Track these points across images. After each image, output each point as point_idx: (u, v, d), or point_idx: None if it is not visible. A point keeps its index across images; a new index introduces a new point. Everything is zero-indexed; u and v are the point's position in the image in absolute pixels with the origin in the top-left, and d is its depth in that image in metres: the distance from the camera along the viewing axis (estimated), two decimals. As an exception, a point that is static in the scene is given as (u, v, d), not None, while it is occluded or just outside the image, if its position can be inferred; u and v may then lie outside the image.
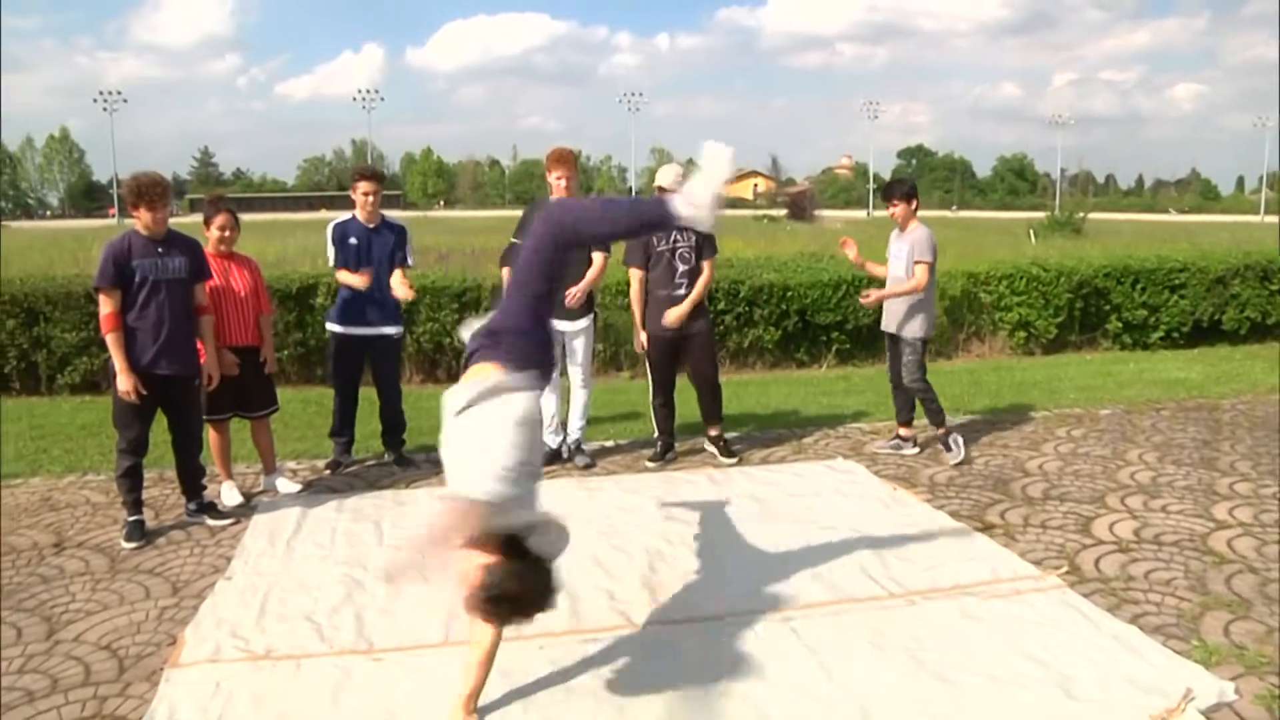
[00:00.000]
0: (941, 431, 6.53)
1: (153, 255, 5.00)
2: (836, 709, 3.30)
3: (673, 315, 6.29)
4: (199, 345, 5.32)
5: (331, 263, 6.26)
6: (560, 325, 6.28)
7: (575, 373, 6.50)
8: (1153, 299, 11.33)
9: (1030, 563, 4.61)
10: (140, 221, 5.00)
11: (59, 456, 6.66)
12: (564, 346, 6.45)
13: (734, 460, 6.51)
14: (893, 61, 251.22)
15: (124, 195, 5.05)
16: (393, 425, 6.49)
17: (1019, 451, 6.63)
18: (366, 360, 6.39)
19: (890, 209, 6.57)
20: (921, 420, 6.67)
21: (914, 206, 6.48)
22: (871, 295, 6.70)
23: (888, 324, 6.59)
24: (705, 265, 6.41)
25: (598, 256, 6.30)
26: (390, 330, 6.32)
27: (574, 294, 6.18)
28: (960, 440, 6.50)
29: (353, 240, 6.15)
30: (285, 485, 5.89)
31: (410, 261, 6.36)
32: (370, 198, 6.12)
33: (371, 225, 6.20)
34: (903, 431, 6.71)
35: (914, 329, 6.41)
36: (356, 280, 6.03)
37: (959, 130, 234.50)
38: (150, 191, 4.95)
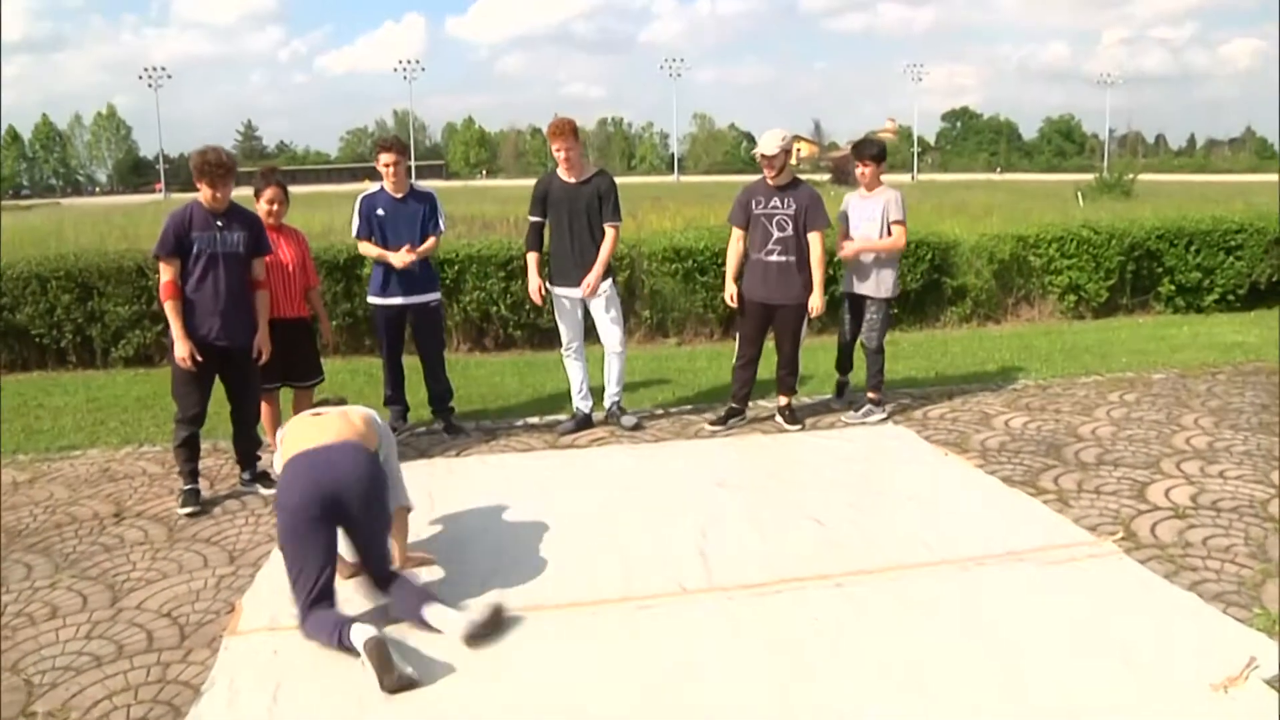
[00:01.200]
0: (874, 396, 6.66)
1: (211, 229, 5.05)
2: (890, 674, 3.29)
3: (815, 303, 6.28)
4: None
5: (355, 233, 6.38)
6: (573, 292, 6.31)
7: (608, 339, 6.51)
8: (1207, 261, 11.08)
9: (1085, 529, 4.55)
10: (203, 195, 5.07)
11: (116, 428, 6.78)
12: (583, 313, 6.50)
13: (798, 427, 6.48)
14: (937, 23, 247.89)
15: (192, 170, 5.09)
16: (439, 393, 6.54)
17: (1071, 416, 6.54)
18: (407, 329, 6.47)
19: (860, 169, 6.68)
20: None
21: (881, 169, 6.67)
22: (848, 248, 6.63)
23: (858, 286, 6.69)
24: (814, 238, 6.27)
25: (610, 230, 6.34)
26: (427, 298, 6.39)
27: (590, 284, 6.28)
28: (881, 413, 6.63)
29: (380, 211, 6.25)
30: None
31: (442, 227, 6.41)
32: (392, 168, 6.17)
33: (399, 195, 6.25)
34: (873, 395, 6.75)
35: (886, 289, 6.57)
36: (395, 258, 6.15)
37: (1005, 92, 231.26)
38: (213, 171, 5.01)
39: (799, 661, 3.41)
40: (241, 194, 5.28)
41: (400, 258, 6.14)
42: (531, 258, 6.51)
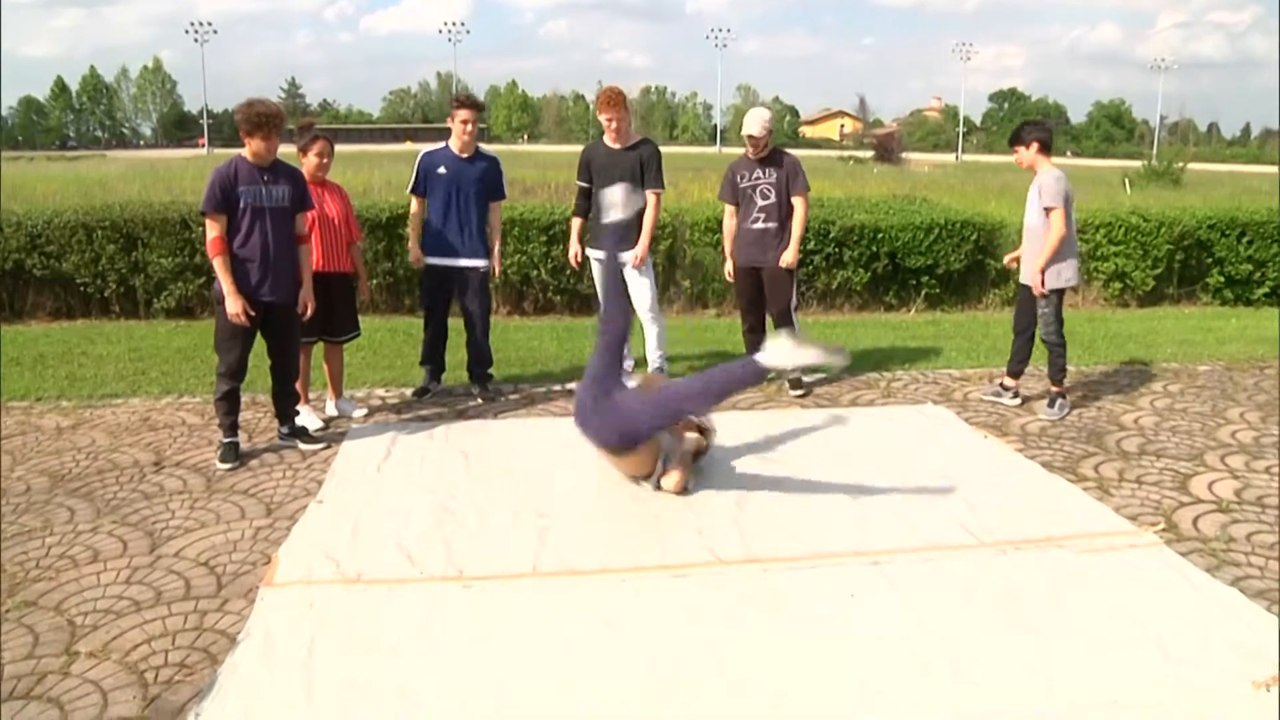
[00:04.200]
0: (1055, 389, 6.32)
1: (258, 183, 5.04)
2: (925, 655, 3.26)
3: (787, 258, 6.53)
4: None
5: (410, 189, 6.31)
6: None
7: (641, 306, 6.55)
8: (1260, 253, 10.82)
9: (1125, 518, 4.49)
10: (250, 149, 5.04)
11: (156, 378, 6.85)
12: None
13: (801, 392, 6.61)
14: (987, 2, 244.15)
15: (239, 122, 5.03)
16: (478, 358, 6.51)
17: (1113, 405, 6.45)
18: (454, 291, 6.42)
19: (1015, 155, 6.22)
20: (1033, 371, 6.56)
21: (1033, 149, 6.09)
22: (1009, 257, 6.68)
23: (1023, 275, 6.28)
24: (796, 201, 6.58)
25: (651, 196, 6.40)
26: (477, 263, 6.28)
27: (638, 255, 6.42)
28: (1067, 405, 6.30)
29: (441, 170, 6.15)
30: (353, 409, 6.09)
31: (504, 194, 6.41)
32: (469, 125, 6.11)
33: (465, 155, 6.17)
34: (1007, 380, 6.55)
35: (1047, 280, 6.08)
36: (412, 255, 6.37)
37: (1054, 74, 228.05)
38: (271, 122, 5.00)
39: (834, 635, 3.39)
40: (286, 150, 5.28)
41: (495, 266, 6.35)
42: (575, 223, 6.71)
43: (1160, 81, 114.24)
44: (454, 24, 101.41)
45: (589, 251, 6.63)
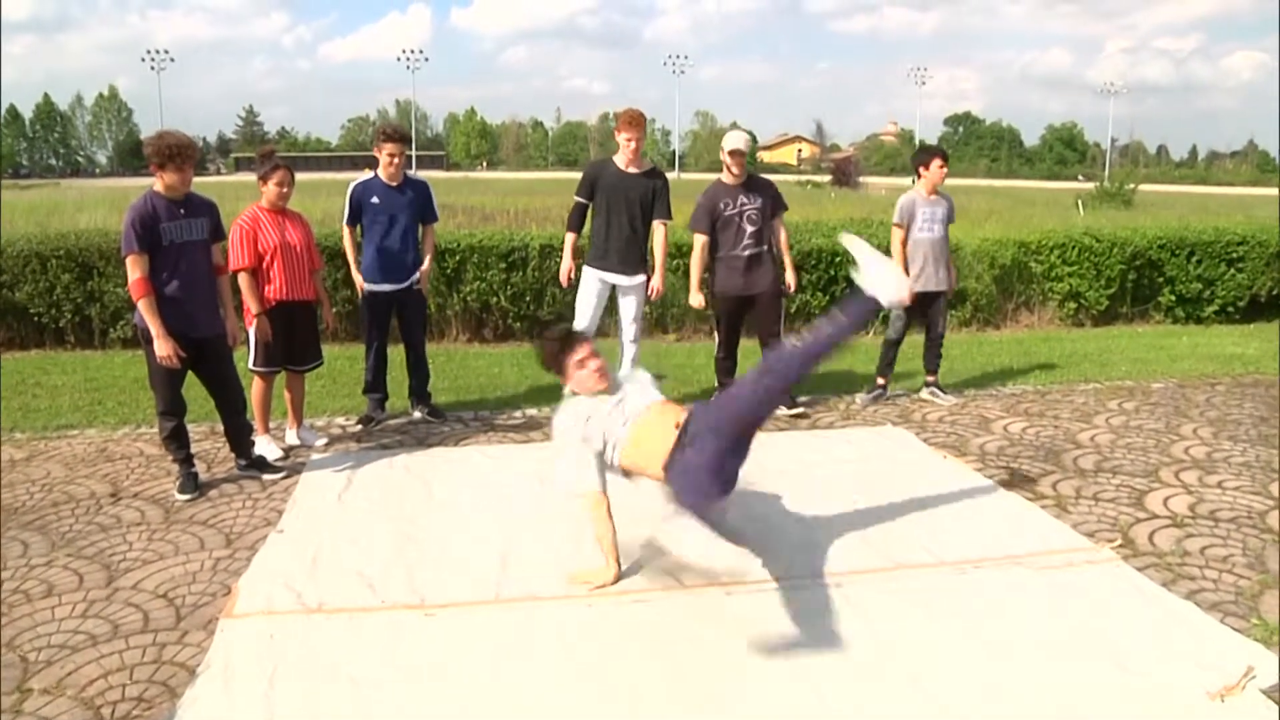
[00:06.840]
0: (880, 381, 7.14)
1: (177, 218, 4.91)
2: (887, 676, 3.28)
3: (790, 279, 6.77)
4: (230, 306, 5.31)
5: (346, 221, 6.35)
6: (614, 278, 6.42)
7: (628, 329, 6.64)
8: (1209, 272, 11.08)
9: (1083, 535, 4.55)
10: (164, 182, 4.88)
11: (113, 409, 6.76)
12: (614, 299, 6.62)
13: (799, 409, 6.70)
14: (941, 27, 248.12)
15: (149, 155, 4.87)
16: (425, 376, 6.63)
17: (1070, 423, 6.54)
18: (394, 315, 6.50)
19: (930, 172, 6.93)
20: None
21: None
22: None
23: (926, 284, 7.01)
24: (779, 224, 6.69)
25: (660, 227, 6.50)
26: (412, 282, 6.45)
27: (656, 288, 6.56)
28: (877, 398, 7.11)
29: (375, 199, 6.25)
30: (314, 439, 6.03)
31: (437, 217, 6.57)
32: (396, 159, 6.20)
33: (395, 184, 6.28)
34: (929, 378, 7.12)
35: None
36: (359, 284, 6.39)
37: (1007, 98, 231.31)
38: (183, 153, 4.86)
39: (796, 659, 3.41)
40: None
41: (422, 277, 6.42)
42: (569, 238, 6.69)
43: (1110, 105, 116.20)
44: (413, 51, 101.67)
45: (588, 269, 6.57)
